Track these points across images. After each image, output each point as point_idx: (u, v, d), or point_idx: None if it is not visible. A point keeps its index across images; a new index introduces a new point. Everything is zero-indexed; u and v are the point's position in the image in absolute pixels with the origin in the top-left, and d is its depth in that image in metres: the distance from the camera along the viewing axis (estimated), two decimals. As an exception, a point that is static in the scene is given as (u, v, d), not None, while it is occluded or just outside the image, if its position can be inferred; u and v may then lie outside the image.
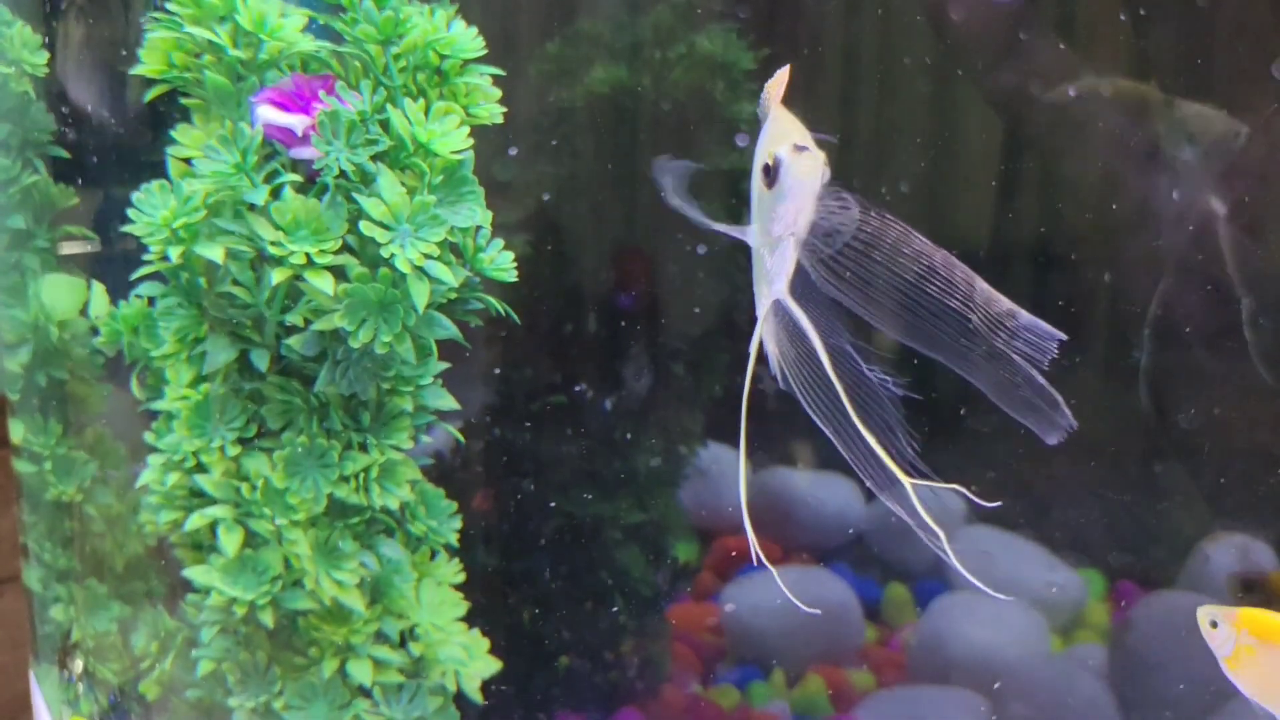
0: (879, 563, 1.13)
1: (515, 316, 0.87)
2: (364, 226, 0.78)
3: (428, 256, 0.78)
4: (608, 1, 1.09)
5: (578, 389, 1.12)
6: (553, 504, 1.14)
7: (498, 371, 1.11)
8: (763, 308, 0.66)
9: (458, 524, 0.94)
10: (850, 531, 1.13)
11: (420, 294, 0.78)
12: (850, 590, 1.12)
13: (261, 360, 0.85)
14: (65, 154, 1.01)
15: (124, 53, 0.98)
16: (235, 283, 0.83)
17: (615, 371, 1.11)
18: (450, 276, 0.80)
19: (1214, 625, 0.74)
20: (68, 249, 1.03)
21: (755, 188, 0.64)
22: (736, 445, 1.04)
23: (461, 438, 0.99)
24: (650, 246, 1.11)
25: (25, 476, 1.07)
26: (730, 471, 1.12)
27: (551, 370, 1.13)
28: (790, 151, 0.60)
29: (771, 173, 0.61)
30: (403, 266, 0.77)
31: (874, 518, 1.12)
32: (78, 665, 1.05)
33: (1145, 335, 0.99)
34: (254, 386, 0.86)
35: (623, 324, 1.11)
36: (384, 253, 0.77)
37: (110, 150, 1.02)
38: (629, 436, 1.13)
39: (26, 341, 1.02)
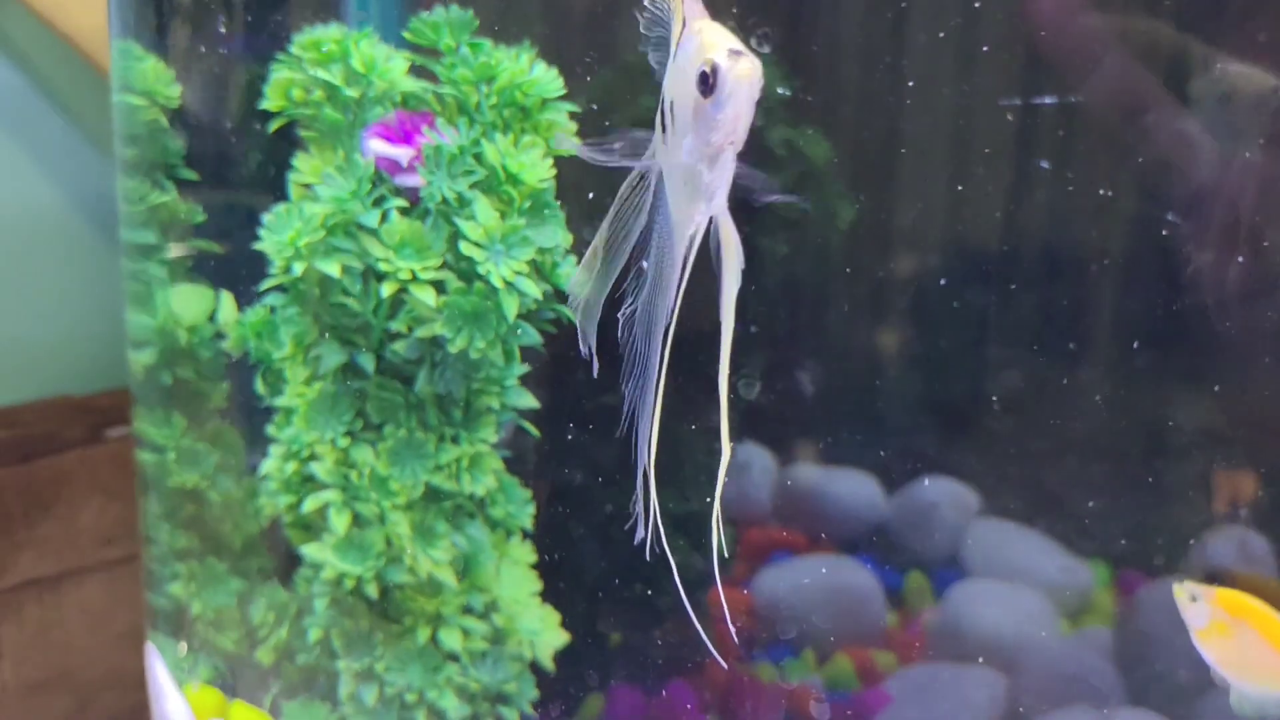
0: (900, 553, 1.22)
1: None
2: (463, 247, 0.89)
3: (517, 273, 0.89)
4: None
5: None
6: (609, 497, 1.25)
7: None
8: (694, 224, 0.65)
9: (532, 509, 1.05)
10: (873, 523, 1.22)
11: (511, 306, 0.90)
12: (873, 577, 1.22)
13: (368, 363, 0.96)
14: (194, 175, 1.13)
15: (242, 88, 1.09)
16: (346, 294, 0.94)
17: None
18: (536, 290, 0.91)
19: (1193, 599, 0.85)
20: (187, 258, 1.15)
21: (684, 103, 0.61)
22: (762, 442, 1.15)
23: (536, 432, 1.09)
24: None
25: (146, 465, 1.19)
26: (760, 465, 1.23)
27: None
28: (727, 57, 0.59)
29: (709, 80, 0.59)
30: (496, 282, 0.89)
31: (895, 511, 1.22)
32: (195, 637, 1.16)
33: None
34: (360, 386, 0.98)
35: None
36: (480, 270, 0.89)
37: (231, 173, 1.14)
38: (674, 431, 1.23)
39: (152, 344, 1.14)
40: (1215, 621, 0.85)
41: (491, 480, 1.00)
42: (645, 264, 0.69)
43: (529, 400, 1.00)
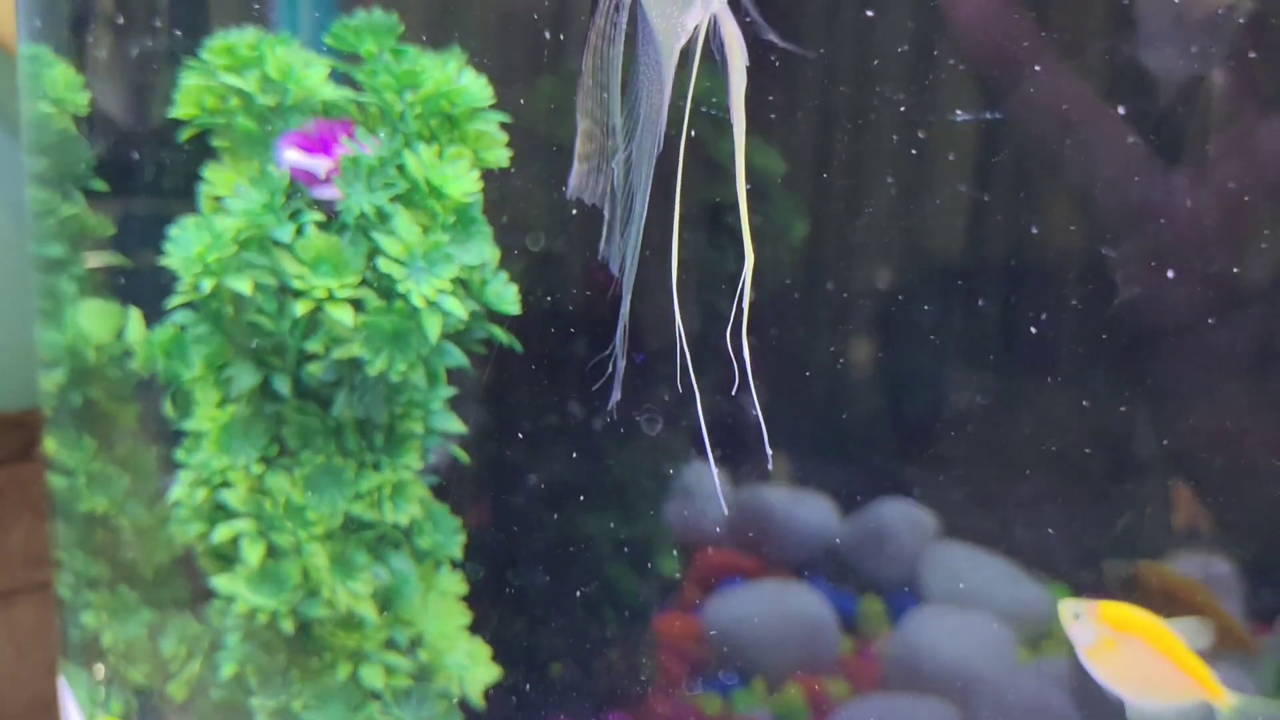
0: (854, 576, 1.19)
1: (518, 346, 0.94)
2: (382, 263, 0.84)
3: (440, 291, 0.85)
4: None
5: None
6: (555, 519, 1.21)
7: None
8: (686, 34, 0.63)
9: (461, 538, 1.00)
10: (826, 546, 1.19)
11: (433, 326, 0.85)
12: (826, 603, 1.18)
13: (283, 385, 0.91)
14: (104, 186, 1.07)
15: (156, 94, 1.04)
16: (260, 312, 0.89)
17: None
18: (460, 309, 0.86)
19: (1076, 617, 0.81)
20: (100, 273, 1.09)
21: None
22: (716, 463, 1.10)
23: (465, 457, 1.05)
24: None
25: (58, 490, 1.14)
26: (714, 487, 1.19)
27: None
28: None
29: None
30: (417, 301, 0.84)
31: (850, 533, 1.18)
32: (106, 668, 1.11)
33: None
34: (275, 409, 0.93)
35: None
36: (400, 288, 0.84)
37: (143, 184, 1.08)
38: (620, 454, 1.19)
39: (62, 362, 1.09)
40: (1102, 638, 0.81)
41: (416, 509, 0.95)
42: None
43: (455, 424, 0.95)
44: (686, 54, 0.64)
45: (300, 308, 0.86)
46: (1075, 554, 1.12)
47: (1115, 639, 0.80)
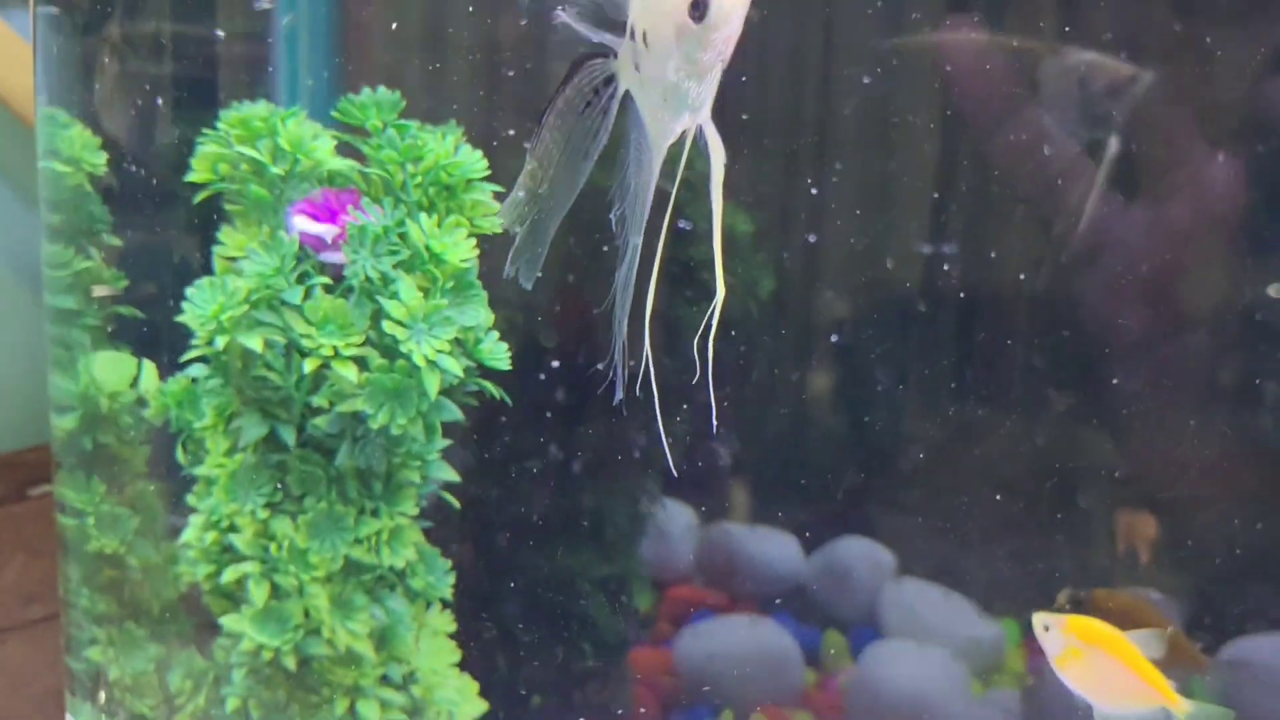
0: (818, 612, 1.25)
1: (509, 400, 1.00)
2: (386, 325, 0.90)
3: (440, 351, 0.91)
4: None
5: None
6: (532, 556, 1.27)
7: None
8: (676, 135, 0.72)
9: (451, 579, 1.06)
10: (792, 583, 1.26)
11: (432, 384, 0.91)
12: (791, 637, 1.24)
13: (289, 435, 0.97)
14: (119, 242, 1.13)
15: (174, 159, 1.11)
16: (268, 368, 0.96)
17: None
18: (458, 368, 0.92)
19: (1046, 629, 0.90)
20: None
21: (661, 30, 0.68)
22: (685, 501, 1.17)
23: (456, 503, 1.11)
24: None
25: (66, 529, 1.19)
26: (683, 524, 1.26)
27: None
28: None
29: (701, 7, 0.66)
30: (418, 360, 0.90)
31: (814, 570, 1.25)
32: (113, 702, 1.16)
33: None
34: (280, 458, 0.99)
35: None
36: (403, 348, 0.90)
37: (159, 243, 1.15)
38: (588, 495, 1.26)
39: (74, 409, 1.15)
40: (1070, 648, 0.91)
41: (411, 552, 1.01)
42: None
43: (449, 473, 1.01)
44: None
45: (308, 365, 0.92)
46: (1025, 589, 1.19)
47: (1082, 649, 0.90)
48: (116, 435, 1.12)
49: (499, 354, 0.97)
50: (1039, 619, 0.92)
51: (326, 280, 0.95)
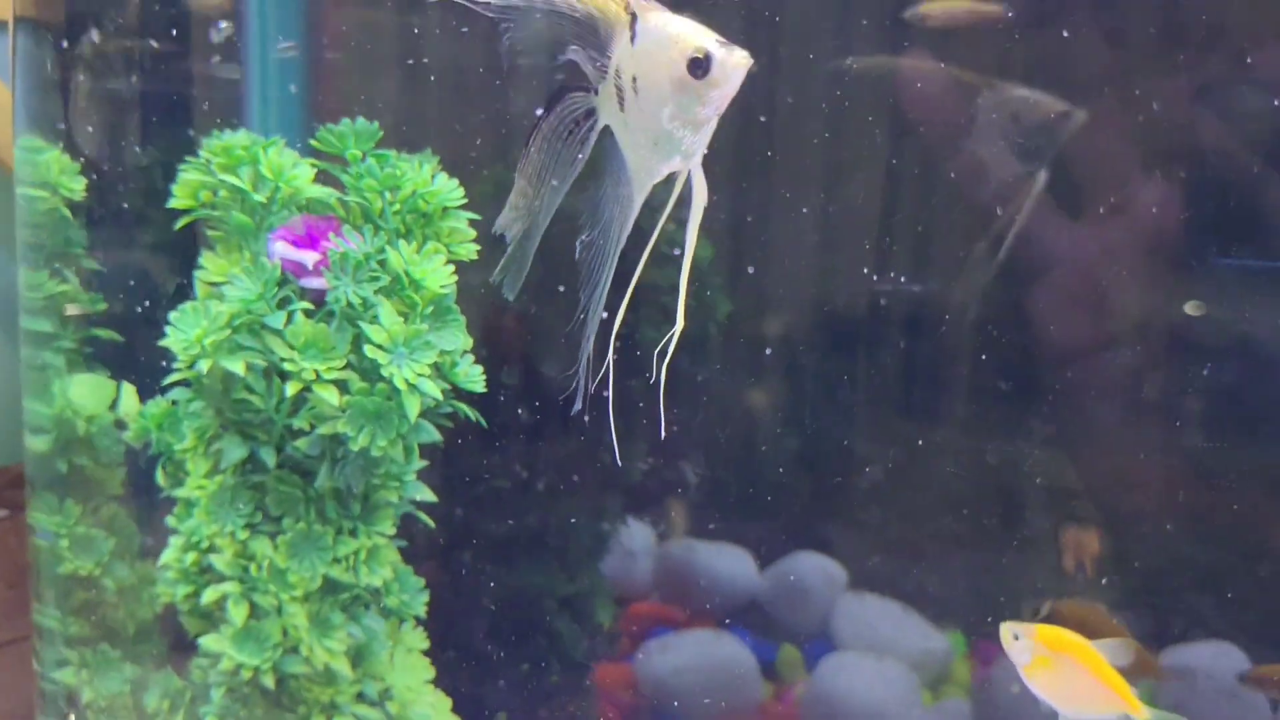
0: (773, 625, 1.29)
1: (484, 422, 1.03)
2: (368, 350, 0.93)
3: (420, 375, 0.93)
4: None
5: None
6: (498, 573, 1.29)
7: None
8: (661, 175, 0.76)
9: (425, 597, 1.08)
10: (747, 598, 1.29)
11: (413, 407, 0.93)
12: (749, 651, 1.28)
13: (269, 457, 0.99)
14: (96, 266, 1.15)
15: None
16: (250, 390, 0.97)
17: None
18: (438, 392, 0.95)
19: (1016, 638, 0.93)
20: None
21: (654, 80, 0.72)
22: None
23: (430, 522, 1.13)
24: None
25: (39, 551, 1.20)
26: (640, 542, 1.30)
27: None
28: (720, 48, 0.70)
29: (704, 65, 0.70)
30: (399, 384, 0.93)
31: (768, 585, 1.28)
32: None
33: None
34: (260, 479, 1.00)
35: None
36: (384, 372, 0.93)
37: (135, 267, 1.16)
38: (557, 514, 1.29)
39: (48, 431, 1.16)
40: (1038, 657, 0.94)
41: (389, 571, 1.03)
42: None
43: (426, 494, 1.03)
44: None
45: (290, 388, 0.94)
46: (972, 601, 1.23)
47: (1050, 657, 0.94)
48: (92, 458, 1.13)
49: (474, 377, 0.99)
50: (1007, 628, 0.95)
51: (308, 305, 0.97)
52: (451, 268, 0.97)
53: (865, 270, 1.19)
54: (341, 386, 0.95)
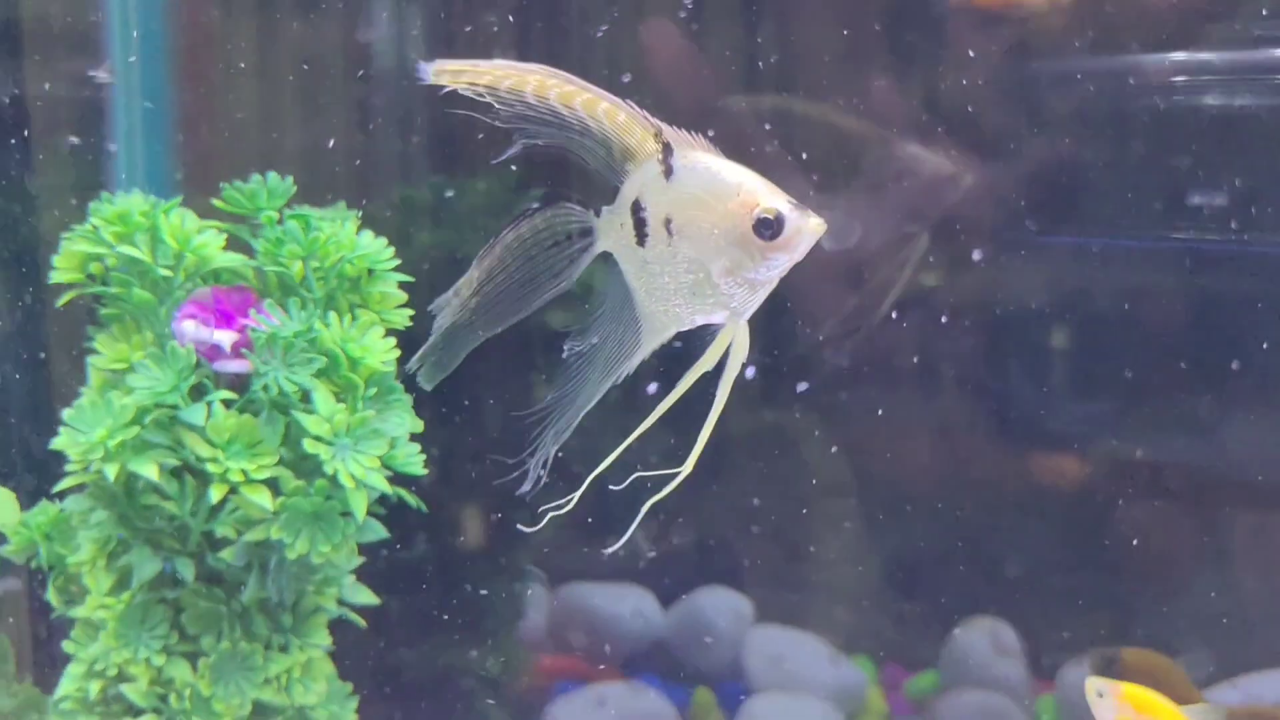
0: (681, 668, 1.25)
1: (425, 507, 0.92)
2: (307, 444, 0.80)
3: (368, 469, 0.81)
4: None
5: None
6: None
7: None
8: (690, 325, 0.72)
9: (355, 703, 0.96)
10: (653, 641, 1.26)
11: (360, 505, 0.81)
12: (664, 699, 1.23)
13: (186, 570, 0.86)
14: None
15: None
16: (160, 495, 0.84)
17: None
18: (386, 485, 0.83)
19: (1100, 695, 0.90)
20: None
21: (701, 228, 0.68)
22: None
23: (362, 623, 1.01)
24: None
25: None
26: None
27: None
28: (791, 209, 0.66)
29: (773, 227, 0.66)
30: (346, 481, 0.80)
31: (671, 625, 1.25)
32: None
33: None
34: (175, 595, 0.87)
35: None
36: (326, 468, 0.80)
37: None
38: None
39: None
40: (1121, 716, 0.90)
41: (323, 687, 0.91)
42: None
43: (368, 596, 0.92)
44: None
45: (215, 492, 0.81)
46: (878, 628, 1.20)
47: (1135, 718, 0.88)
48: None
49: (414, 460, 0.87)
50: (1092, 684, 0.90)
51: (227, 394, 0.84)
52: (392, 340, 0.86)
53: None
54: (273, 486, 0.83)
